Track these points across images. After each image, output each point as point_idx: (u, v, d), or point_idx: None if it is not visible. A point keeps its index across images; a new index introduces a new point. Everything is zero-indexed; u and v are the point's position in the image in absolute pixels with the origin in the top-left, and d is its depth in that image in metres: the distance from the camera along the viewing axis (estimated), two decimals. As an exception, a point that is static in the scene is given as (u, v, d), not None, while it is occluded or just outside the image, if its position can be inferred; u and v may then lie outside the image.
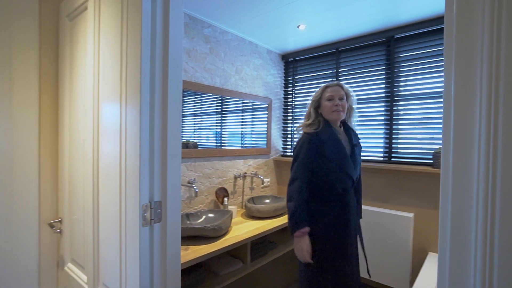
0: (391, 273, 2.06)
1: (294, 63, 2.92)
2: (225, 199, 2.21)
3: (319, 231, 1.33)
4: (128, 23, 0.92)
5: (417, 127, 2.15)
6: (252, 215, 2.20)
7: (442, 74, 0.56)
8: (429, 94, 2.08)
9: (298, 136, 1.49)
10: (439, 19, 1.99)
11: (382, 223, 2.11)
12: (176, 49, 0.95)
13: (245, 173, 2.55)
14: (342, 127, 1.48)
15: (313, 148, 1.34)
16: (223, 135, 2.37)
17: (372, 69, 2.37)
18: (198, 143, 2.16)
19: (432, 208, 2.02)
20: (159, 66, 0.92)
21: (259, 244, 2.06)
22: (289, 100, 2.99)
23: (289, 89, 2.98)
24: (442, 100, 0.56)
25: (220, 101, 2.32)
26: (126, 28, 0.93)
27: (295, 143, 1.48)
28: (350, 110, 1.47)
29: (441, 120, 1.98)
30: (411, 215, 2.03)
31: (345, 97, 1.41)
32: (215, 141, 2.31)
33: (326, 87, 1.42)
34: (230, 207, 2.18)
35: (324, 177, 1.34)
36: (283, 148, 3.03)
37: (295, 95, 2.93)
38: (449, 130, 0.54)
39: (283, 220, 2.16)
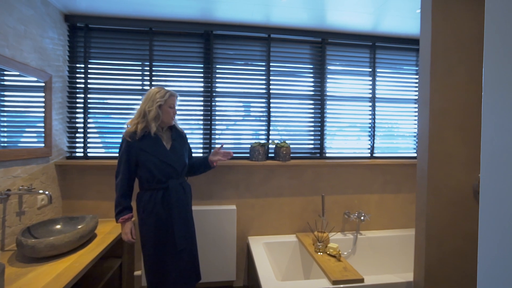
0: (220, 268, 2.08)
1: (86, 32, 2.14)
2: (-27, 243, 1.19)
3: (146, 216, 1.51)
4: None
5: (236, 123, 2.31)
6: (41, 256, 1.35)
7: (257, 76, 0.56)
8: (248, 93, 2.30)
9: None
10: (253, 28, 2.24)
11: (208, 221, 2.08)
12: None
13: (9, 190, 1.53)
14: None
15: (132, 145, 1.51)
16: None
17: (190, 60, 2.24)
18: None
19: (249, 197, 2.25)
20: None
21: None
22: (77, 81, 2.16)
23: (77, 65, 2.15)
24: (258, 99, 0.57)
25: None
26: None
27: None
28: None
29: (263, 119, 2.29)
30: (233, 207, 2.15)
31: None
32: None
33: (171, 95, 1.58)
34: (-12, 256, 1.21)
35: (147, 168, 1.51)
36: (70, 147, 2.15)
37: (89, 77, 2.17)
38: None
39: (96, 249, 1.52)
